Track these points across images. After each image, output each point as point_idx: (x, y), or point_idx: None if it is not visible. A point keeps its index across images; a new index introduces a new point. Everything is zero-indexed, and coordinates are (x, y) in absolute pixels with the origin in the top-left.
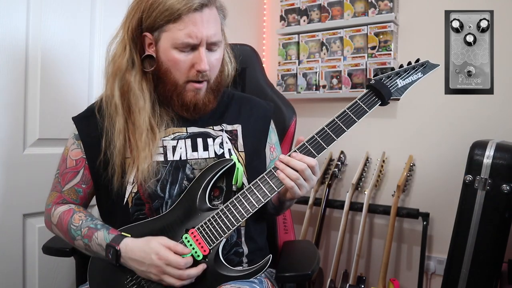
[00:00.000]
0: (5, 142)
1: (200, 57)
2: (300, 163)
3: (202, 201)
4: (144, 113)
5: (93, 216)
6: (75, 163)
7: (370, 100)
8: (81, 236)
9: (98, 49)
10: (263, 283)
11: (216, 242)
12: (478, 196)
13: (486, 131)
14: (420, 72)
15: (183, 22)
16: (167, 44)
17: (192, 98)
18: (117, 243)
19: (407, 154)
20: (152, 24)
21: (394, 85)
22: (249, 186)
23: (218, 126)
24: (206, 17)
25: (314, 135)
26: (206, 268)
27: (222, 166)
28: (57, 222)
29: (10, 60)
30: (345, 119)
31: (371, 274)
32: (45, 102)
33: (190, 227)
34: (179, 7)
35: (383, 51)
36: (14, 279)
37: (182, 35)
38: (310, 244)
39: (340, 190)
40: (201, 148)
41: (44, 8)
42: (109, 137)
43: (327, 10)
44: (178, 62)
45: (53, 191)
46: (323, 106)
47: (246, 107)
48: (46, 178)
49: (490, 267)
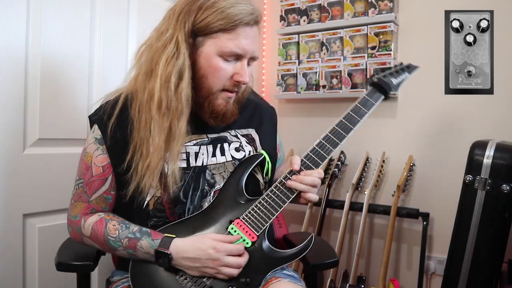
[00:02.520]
0: (5, 142)
1: (243, 69)
2: (311, 179)
3: (241, 193)
4: (184, 120)
5: (125, 221)
6: (102, 169)
7: (376, 94)
8: (123, 247)
9: (98, 49)
10: (301, 282)
11: (263, 227)
12: (478, 196)
13: (486, 131)
14: (406, 72)
15: (236, 33)
16: (212, 50)
17: (223, 107)
18: (166, 247)
19: (407, 154)
20: (201, 29)
21: (390, 82)
22: (285, 175)
23: (233, 131)
24: (254, 33)
25: (334, 126)
26: (257, 254)
27: (255, 160)
28: (90, 234)
29: (10, 59)
30: (357, 111)
31: (371, 274)
32: (45, 102)
33: (233, 218)
34: (237, 18)
35: (383, 51)
36: (14, 279)
37: (232, 44)
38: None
39: (340, 190)
40: (219, 153)
41: (44, 7)
42: (140, 139)
43: (327, 10)
44: (220, 70)
45: (78, 202)
46: (323, 106)
47: (255, 111)
48: (46, 178)
49: (490, 267)
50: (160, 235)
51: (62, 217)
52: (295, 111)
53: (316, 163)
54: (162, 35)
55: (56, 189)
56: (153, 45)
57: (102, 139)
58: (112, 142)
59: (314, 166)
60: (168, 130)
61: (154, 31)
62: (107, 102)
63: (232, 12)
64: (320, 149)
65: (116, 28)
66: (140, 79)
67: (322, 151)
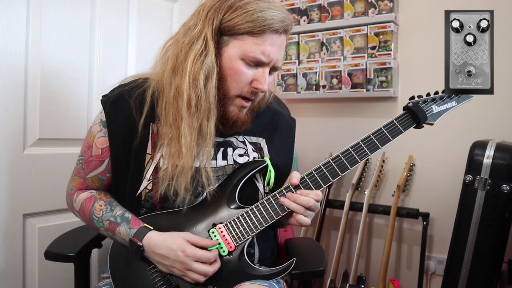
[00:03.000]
0: (5, 142)
1: (264, 77)
2: (306, 199)
3: (232, 198)
4: (213, 120)
5: (112, 203)
6: (101, 151)
7: (406, 121)
8: (104, 229)
9: (98, 49)
10: (279, 283)
11: (243, 240)
12: (478, 196)
13: (486, 131)
14: (454, 101)
15: (263, 38)
16: (235, 52)
17: (235, 114)
18: (140, 238)
19: (407, 154)
20: (228, 29)
21: (430, 110)
22: (280, 190)
23: (241, 137)
24: (281, 42)
25: (349, 148)
26: (230, 265)
27: (255, 166)
28: (79, 209)
29: (10, 60)
30: (381, 137)
31: (371, 274)
32: (45, 102)
33: (217, 222)
34: (266, 23)
35: (383, 51)
36: (14, 279)
37: (257, 50)
38: (313, 241)
39: (340, 190)
40: (220, 157)
41: (44, 7)
42: (169, 138)
43: (327, 10)
44: (240, 74)
45: (76, 176)
46: (323, 106)
47: (271, 121)
48: (46, 178)
49: (490, 267)
50: (138, 225)
51: (62, 217)
52: (295, 111)
53: (317, 185)
54: (189, 30)
55: (56, 189)
56: (180, 40)
57: (106, 122)
58: (113, 126)
59: (315, 187)
60: (199, 130)
61: (182, 26)
62: (120, 85)
63: (263, 16)
64: (326, 170)
65: (116, 28)
66: (167, 75)
67: (328, 173)
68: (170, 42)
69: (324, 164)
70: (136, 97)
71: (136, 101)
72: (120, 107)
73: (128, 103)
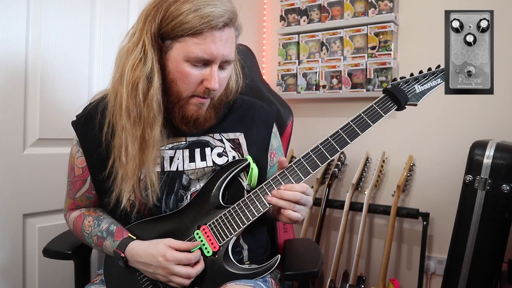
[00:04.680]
0: (5, 142)
1: (212, 75)
2: (292, 194)
3: (215, 199)
4: (157, 127)
5: (100, 217)
6: (82, 171)
7: (386, 104)
8: (94, 244)
9: (98, 49)
10: (267, 282)
11: (226, 239)
12: (478, 196)
13: (486, 131)
14: (439, 78)
15: (203, 37)
16: (179, 55)
17: (194, 112)
18: (122, 250)
19: (407, 154)
20: (168, 33)
21: (412, 90)
22: (261, 186)
23: (218, 135)
24: (225, 36)
25: (328, 138)
26: (215, 265)
27: (236, 165)
28: (73, 228)
29: (10, 59)
30: (360, 123)
31: (371, 274)
32: (45, 102)
33: (202, 223)
34: (203, 22)
35: (383, 51)
36: (14, 279)
37: (198, 50)
38: (311, 242)
39: (340, 190)
40: (198, 159)
41: (44, 7)
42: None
43: (327, 10)
44: (188, 76)
45: (67, 197)
46: (323, 106)
47: (247, 113)
48: (46, 178)
49: (490, 267)
50: (121, 236)
51: (62, 217)
52: (295, 111)
53: (300, 175)
54: (131, 38)
55: (56, 189)
56: (124, 48)
57: (79, 142)
58: (87, 144)
59: (300, 175)
60: (141, 139)
61: (126, 34)
62: (90, 104)
63: (198, 15)
64: (305, 162)
65: (116, 28)
66: (114, 85)
67: (308, 165)
68: (118, 50)
69: (304, 156)
70: (101, 112)
71: (101, 116)
72: (89, 126)
73: (96, 120)
